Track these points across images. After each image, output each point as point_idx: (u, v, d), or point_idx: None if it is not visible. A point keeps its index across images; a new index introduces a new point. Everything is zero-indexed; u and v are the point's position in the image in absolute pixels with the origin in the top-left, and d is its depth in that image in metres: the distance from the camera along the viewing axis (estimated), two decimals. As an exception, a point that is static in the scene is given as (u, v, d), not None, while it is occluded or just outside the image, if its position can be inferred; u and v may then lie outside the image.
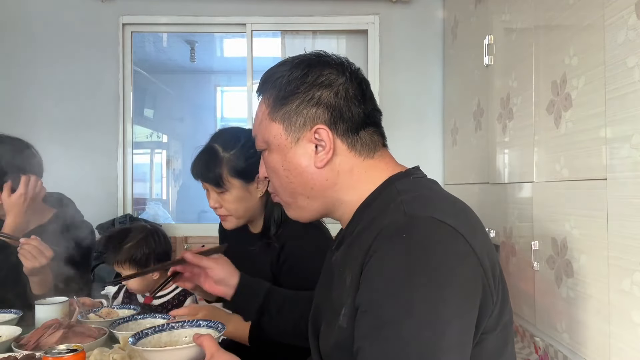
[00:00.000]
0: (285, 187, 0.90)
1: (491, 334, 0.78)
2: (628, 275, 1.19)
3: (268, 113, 0.89)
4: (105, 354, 1.16)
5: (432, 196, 0.83)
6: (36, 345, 1.22)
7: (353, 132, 0.87)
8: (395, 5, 3.18)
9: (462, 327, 0.70)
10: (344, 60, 0.91)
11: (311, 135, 0.85)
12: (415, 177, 0.88)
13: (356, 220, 0.86)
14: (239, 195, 1.39)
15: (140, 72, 4.62)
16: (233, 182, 1.38)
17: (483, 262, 0.74)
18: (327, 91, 0.86)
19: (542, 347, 1.61)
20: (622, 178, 1.22)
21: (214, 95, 5.97)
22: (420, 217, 0.74)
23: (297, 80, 0.86)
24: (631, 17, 1.18)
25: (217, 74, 5.82)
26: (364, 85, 0.91)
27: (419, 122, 3.16)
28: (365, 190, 0.87)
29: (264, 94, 0.92)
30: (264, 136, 0.90)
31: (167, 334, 1.07)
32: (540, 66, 1.67)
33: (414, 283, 0.69)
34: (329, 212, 0.92)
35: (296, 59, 0.89)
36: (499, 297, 0.78)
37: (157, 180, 5.78)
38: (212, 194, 1.41)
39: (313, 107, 0.85)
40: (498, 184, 2.05)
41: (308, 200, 0.89)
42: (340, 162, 0.86)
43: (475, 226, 0.79)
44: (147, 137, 5.57)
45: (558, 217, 1.53)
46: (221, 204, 1.41)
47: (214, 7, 3.19)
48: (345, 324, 0.79)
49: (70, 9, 3.17)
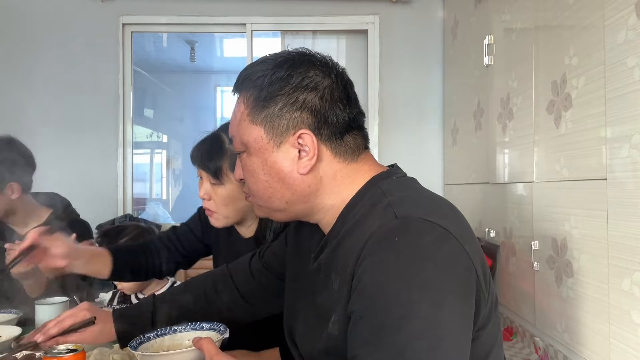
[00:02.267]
0: (263, 191, 0.86)
1: (484, 330, 0.78)
2: (628, 275, 1.19)
3: (248, 114, 0.84)
4: (105, 354, 1.16)
5: (419, 197, 0.81)
6: (36, 345, 1.22)
7: (337, 137, 0.83)
8: (395, 5, 3.18)
9: (461, 328, 0.70)
10: (328, 60, 0.86)
11: (294, 140, 0.81)
12: (397, 176, 0.86)
13: (340, 223, 0.84)
14: (233, 192, 1.34)
15: (140, 72, 4.62)
16: (231, 177, 1.32)
17: (475, 262, 0.74)
18: (312, 94, 0.81)
19: (542, 347, 1.61)
20: (622, 178, 1.22)
21: (214, 95, 5.97)
22: (411, 218, 0.73)
23: (280, 81, 0.81)
24: (631, 17, 1.18)
25: (217, 74, 5.82)
26: (349, 87, 0.87)
27: (419, 122, 3.16)
28: (348, 194, 0.84)
29: (242, 92, 0.86)
30: (242, 138, 0.85)
31: (170, 338, 1.06)
32: (540, 66, 1.67)
33: (410, 287, 0.68)
34: (306, 216, 0.89)
35: (279, 57, 0.84)
36: (490, 295, 0.78)
37: (157, 180, 5.78)
38: (206, 183, 1.35)
39: (297, 111, 0.81)
40: (498, 184, 2.05)
41: (286, 205, 0.86)
42: (323, 167, 0.83)
43: (464, 226, 0.78)
44: (147, 137, 5.57)
45: (558, 217, 1.53)
46: (211, 197, 1.35)
47: (214, 7, 3.19)
48: (336, 332, 0.77)
49: (70, 9, 3.17)
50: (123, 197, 3.20)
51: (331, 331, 0.78)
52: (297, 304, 0.96)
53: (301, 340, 0.91)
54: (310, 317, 0.88)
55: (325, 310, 0.81)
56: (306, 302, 0.90)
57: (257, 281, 1.15)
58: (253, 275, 1.16)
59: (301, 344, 0.91)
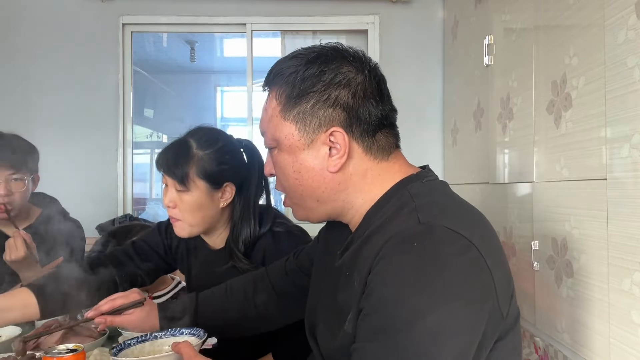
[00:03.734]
0: (294, 189, 0.85)
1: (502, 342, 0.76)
2: (628, 275, 1.19)
3: (279, 111, 0.83)
4: (105, 354, 1.16)
5: (447, 203, 0.79)
6: (36, 345, 1.22)
7: (369, 134, 0.82)
8: (395, 5, 3.18)
9: (463, 343, 0.68)
10: (361, 55, 0.85)
11: (326, 138, 0.80)
12: (427, 179, 0.84)
13: (366, 223, 0.83)
14: (200, 199, 1.30)
15: (140, 72, 4.62)
16: (198, 183, 1.29)
17: (495, 276, 0.72)
18: (345, 91, 0.80)
19: (542, 347, 1.61)
20: (622, 178, 1.22)
21: (214, 95, 5.98)
22: (434, 226, 0.71)
23: (312, 77, 0.80)
24: (631, 17, 1.18)
25: (217, 74, 5.83)
26: (382, 83, 0.86)
27: (419, 122, 3.16)
28: (377, 194, 0.83)
29: (273, 88, 0.85)
30: (273, 134, 0.84)
31: (150, 344, 1.06)
32: (540, 66, 1.67)
33: (421, 292, 0.67)
34: (338, 216, 0.88)
35: (312, 53, 0.83)
36: (509, 312, 0.76)
37: (157, 180, 5.77)
38: (171, 190, 1.31)
39: (329, 108, 0.80)
40: (498, 184, 2.05)
41: (317, 203, 0.85)
42: (354, 165, 0.82)
43: (489, 237, 0.76)
44: (147, 137, 5.57)
45: (558, 217, 1.53)
46: (176, 204, 1.30)
47: (214, 7, 3.19)
48: (351, 330, 0.77)
49: (70, 9, 3.17)
50: (123, 197, 3.20)
51: (347, 329, 0.78)
52: (319, 300, 0.96)
53: (321, 336, 0.91)
54: (331, 314, 0.87)
55: (343, 308, 0.81)
56: (328, 299, 0.89)
57: (291, 280, 1.16)
58: (287, 274, 1.17)
59: (321, 340, 0.91)
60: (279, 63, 0.85)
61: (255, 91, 3.29)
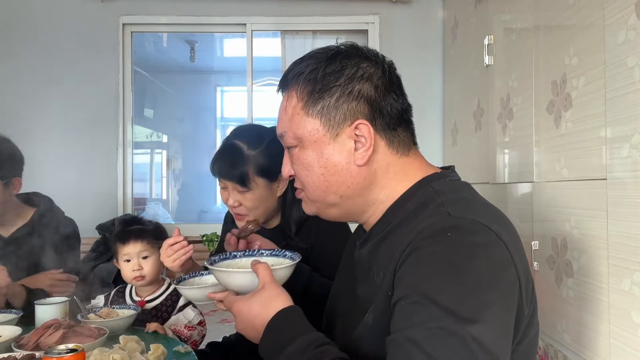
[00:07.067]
0: (318, 184, 0.84)
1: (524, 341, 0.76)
2: (628, 275, 1.19)
3: (302, 107, 0.83)
4: (105, 354, 1.16)
5: (473, 200, 0.80)
6: (36, 345, 1.22)
7: (391, 127, 0.83)
8: (395, 5, 3.18)
9: (503, 332, 0.68)
10: (377, 52, 0.87)
11: (351, 131, 0.81)
12: (451, 179, 0.85)
13: (387, 219, 0.83)
14: (262, 194, 1.37)
15: (140, 72, 4.62)
16: (258, 181, 1.36)
17: (520, 274, 0.72)
18: (367, 84, 0.81)
19: (542, 347, 1.61)
20: (622, 178, 1.22)
21: (214, 95, 5.98)
22: (466, 219, 0.72)
23: (335, 72, 0.81)
24: (631, 17, 1.18)
25: (217, 74, 5.83)
26: (399, 80, 0.88)
27: (419, 122, 3.10)
28: (398, 190, 0.84)
29: (292, 88, 0.85)
30: (296, 132, 0.84)
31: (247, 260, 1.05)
32: (540, 66, 1.67)
33: (461, 282, 0.67)
34: (358, 213, 0.87)
35: (330, 51, 0.85)
36: (530, 311, 0.76)
37: (157, 180, 5.78)
38: (233, 192, 1.37)
39: (353, 101, 0.81)
40: (498, 184, 2.05)
41: (340, 199, 0.85)
42: (378, 159, 0.83)
43: (513, 235, 0.77)
44: (147, 137, 5.57)
45: (558, 217, 1.53)
46: (240, 203, 1.37)
47: (214, 7, 3.19)
48: (371, 321, 0.77)
49: (70, 9, 3.17)
50: (123, 197, 3.20)
51: (367, 320, 0.78)
52: (340, 288, 0.97)
53: (338, 329, 0.92)
54: (349, 304, 0.88)
55: (363, 300, 0.81)
56: (347, 289, 0.90)
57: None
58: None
59: (337, 329, 0.92)
60: (296, 64, 0.87)
61: (255, 91, 3.29)
